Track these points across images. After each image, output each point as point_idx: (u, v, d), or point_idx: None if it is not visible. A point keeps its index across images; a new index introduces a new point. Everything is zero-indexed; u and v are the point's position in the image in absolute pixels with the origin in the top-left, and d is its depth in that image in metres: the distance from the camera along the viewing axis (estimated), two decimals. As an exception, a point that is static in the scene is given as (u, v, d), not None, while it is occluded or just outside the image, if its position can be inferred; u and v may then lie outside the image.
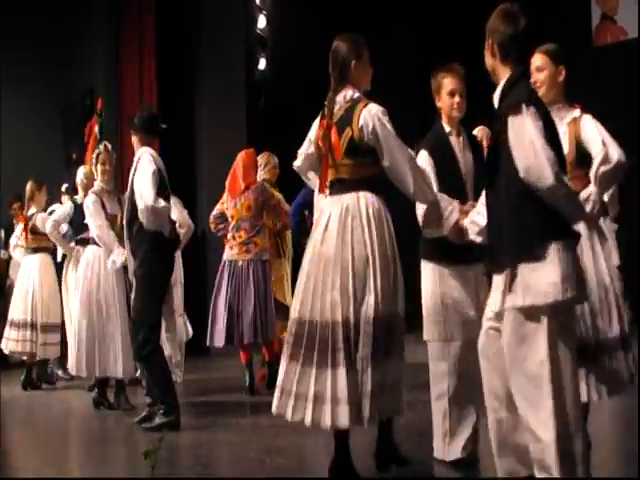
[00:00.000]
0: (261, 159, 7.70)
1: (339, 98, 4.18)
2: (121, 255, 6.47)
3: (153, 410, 5.89)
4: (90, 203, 6.69)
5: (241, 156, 7.44)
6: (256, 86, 11.36)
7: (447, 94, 4.38)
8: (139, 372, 7.17)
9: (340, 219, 4.02)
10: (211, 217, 7.53)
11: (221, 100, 10.22)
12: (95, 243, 6.77)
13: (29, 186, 8.41)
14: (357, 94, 4.19)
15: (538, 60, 4.19)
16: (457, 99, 4.36)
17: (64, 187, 8.88)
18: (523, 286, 3.25)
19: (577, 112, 4.21)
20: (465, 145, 4.41)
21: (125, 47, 10.49)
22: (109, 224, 6.63)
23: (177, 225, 6.49)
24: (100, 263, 6.72)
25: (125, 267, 6.69)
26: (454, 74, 4.39)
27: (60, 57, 10.93)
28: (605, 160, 4.05)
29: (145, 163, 5.83)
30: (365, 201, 4.05)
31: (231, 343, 7.18)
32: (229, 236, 7.30)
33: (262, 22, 11.44)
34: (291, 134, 11.38)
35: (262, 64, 11.56)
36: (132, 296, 6.05)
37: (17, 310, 8.26)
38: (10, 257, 9.86)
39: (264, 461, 4.83)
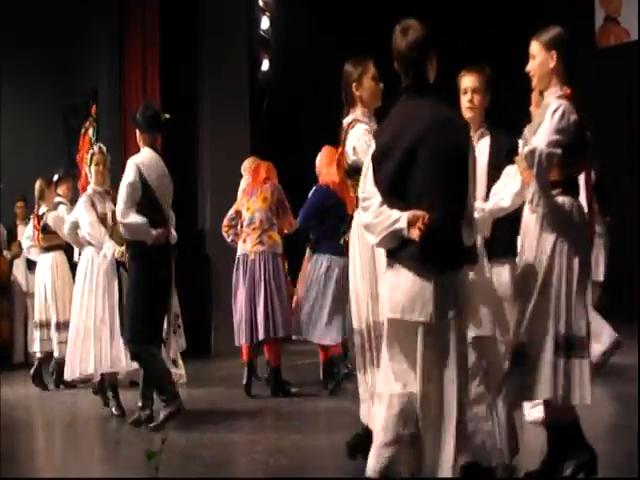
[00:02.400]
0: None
1: (344, 122, 4.50)
2: (111, 249, 6.51)
3: (141, 414, 5.95)
4: (81, 203, 6.82)
5: (262, 162, 7.45)
6: (259, 87, 11.36)
7: (461, 93, 4.34)
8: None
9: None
10: (225, 220, 7.45)
11: (224, 101, 10.22)
12: (90, 245, 6.78)
13: (39, 184, 8.41)
14: (353, 116, 4.45)
15: (531, 48, 4.07)
16: (468, 96, 4.29)
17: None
18: None
19: (551, 98, 3.99)
20: (478, 144, 4.25)
21: (128, 49, 10.48)
22: (100, 221, 6.69)
23: None
24: (94, 266, 6.73)
25: (118, 266, 6.73)
26: (470, 73, 4.33)
27: (63, 58, 10.93)
28: (526, 144, 3.92)
29: (126, 173, 5.96)
30: (357, 218, 4.32)
31: (253, 341, 7.09)
32: (244, 230, 7.22)
33: (265, 23, 11.43)
34: (294, 135, 11.48)
35: (265, 65, 11.56)
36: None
37: (37, 311, 8.32)
38: (13, 257, 9.89)
39: (267, 462, 4.84)
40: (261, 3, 11.36)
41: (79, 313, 6.69)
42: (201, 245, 10.00)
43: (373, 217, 3.51)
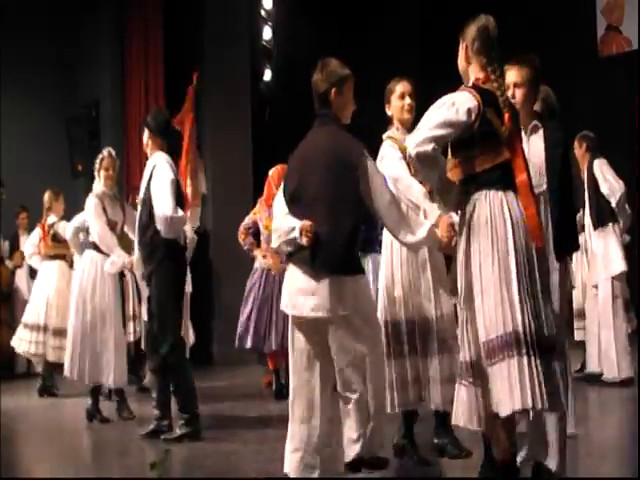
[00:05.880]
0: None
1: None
2: (121, 257, 6.47)
3: (161, 424, 5.86)
4: (91, 205, 6.64)
5: (277, 169, 7.49)
6: (261, 97, 11.38)
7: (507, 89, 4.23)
8: (147, 380, 7.15)
9: None
10: (241, 227, 7.58)
11: (226, 111, 10.25)
12: (94, 248, 6.71)
13: (47, 195, 8.49)
14: (386, 133, 4.84)
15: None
16: (510, 91, 4.10)
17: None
18: None
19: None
20: (530, 139, 4.17)
21: (130, 61, 10.52)
22: (110, 228, 6.63)
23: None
24: (97, 269, 6.68)
25: (121, 274, 6.70)
26: (511, 67, 4.17)
27: (65, 68, 10.97)
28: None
29: (164, 171, 5.73)
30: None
31: (260, 349, 7.29)
32: (263, 245, 7.42)
33: (267, 33, 11.47)
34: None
35: (267, 75, 11.59)
36: (144, 303, 5.97)
37: (32, 313, 8.37)
38: (16, 266, 9.92)
39: (269, 471, 4.82)
40: (263, 13, 11.40)
41: (86, 321, 6.66)
42: (203, 254, 10.00)
43: (278, 223, 4.13)
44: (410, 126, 4.61)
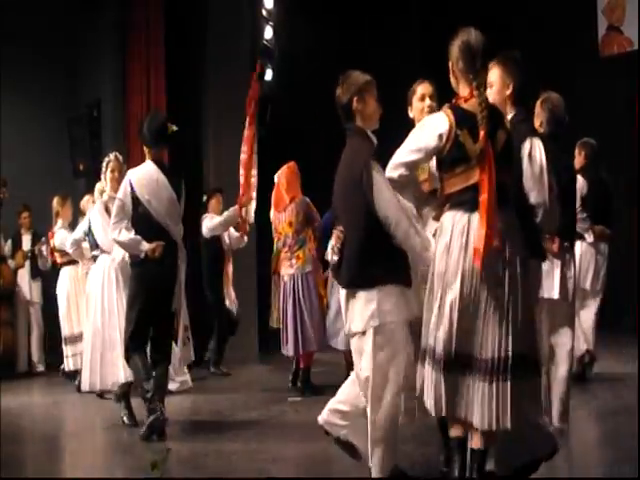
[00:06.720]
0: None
1: None
2: (120, 253, 6.51)
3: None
4: (95, 208, 6.95)
5: (283, 170, 7.58)
6: (262, 97, 11.37)
7: None
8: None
9: None
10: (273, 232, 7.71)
11: (228, 110, 10.24)
12: (102, 251, 6.82)
13: (55, 201, 8.62)
14: None
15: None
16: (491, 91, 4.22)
17: None
18: None
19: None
20: None
21: (132, 62, 10.50)
22: None
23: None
24: (105, 270, 6.77)
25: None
26: (496, 65, 4.27)
27: (66, 68, 10.97)
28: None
29: (120, 187, 6.05)
30: None
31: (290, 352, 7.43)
32: (280, 249, 7.53)
33: (269, 33, 11.46)
34: (297, 144, 11.48)
35: (269, 75, 11.58)
36: None
37: (62, 327, 8.56)
38: (17, 266, 9.93)
39: (270, 471, 4.83)
40: (264, 13, 11.38)
41: (97, 323, 6.69)
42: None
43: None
44: None
